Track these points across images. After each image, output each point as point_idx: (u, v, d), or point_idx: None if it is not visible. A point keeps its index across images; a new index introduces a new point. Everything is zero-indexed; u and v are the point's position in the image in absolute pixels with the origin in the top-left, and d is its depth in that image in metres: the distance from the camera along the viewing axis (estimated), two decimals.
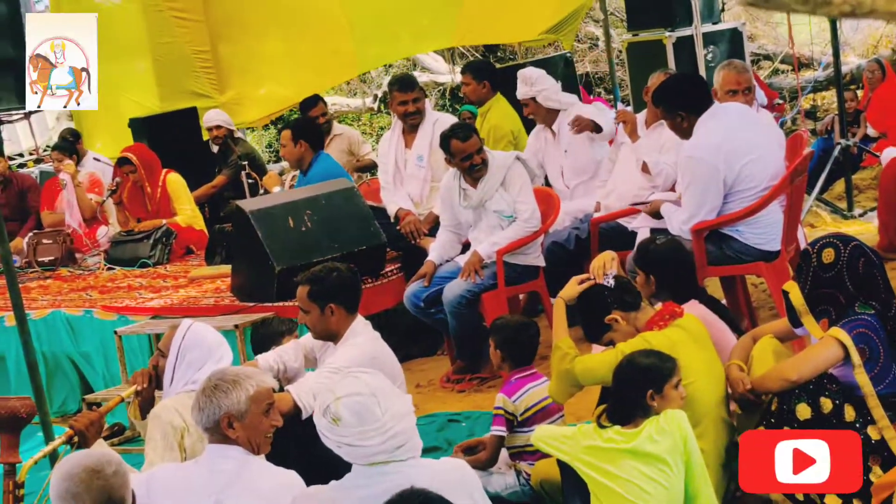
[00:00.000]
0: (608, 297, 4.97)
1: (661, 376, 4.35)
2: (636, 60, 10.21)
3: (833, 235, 4.75)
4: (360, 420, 3.81)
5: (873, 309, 4.58)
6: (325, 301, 5.33)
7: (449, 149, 7.12)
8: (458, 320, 7.06)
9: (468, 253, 7.22)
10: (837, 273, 4.57)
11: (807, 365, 4.53)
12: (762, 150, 6.43)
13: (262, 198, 8.07)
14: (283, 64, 12.87)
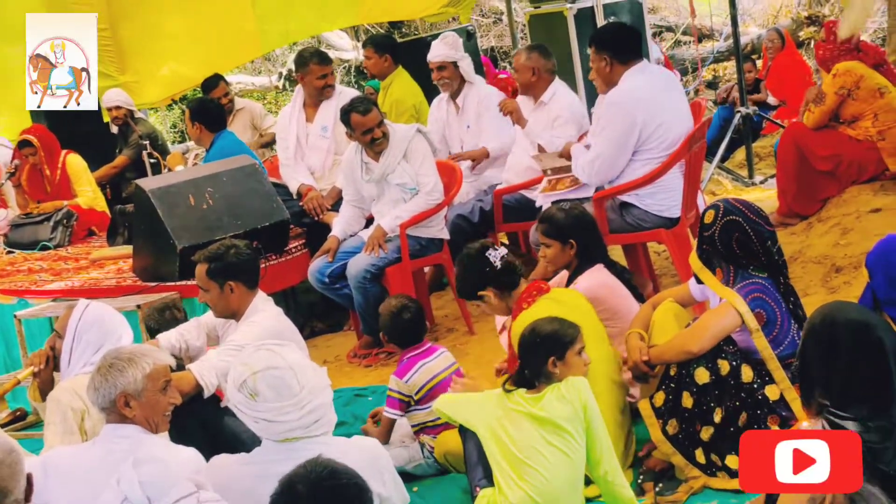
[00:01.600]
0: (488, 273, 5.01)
1: (563, 343, 4.37)
2: (539, 33, 10.21)
3: (726, 200, 4.82)
4: (278, 395, 3.79)
5: (767, 272, 4.65)
6: (224, 278, 5.29)
7: (349, 123, 7.08)
8: (363, 295, 7.04)
9: (372, 227, 7.20)
10: (711, 235, 4.68)
11: (706, 335, 4.59)
12: (676, 115, 6.50)
13: (162, 176, 7.97)
14: (185, 42, 12.69)
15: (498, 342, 5.82)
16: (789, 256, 6.98)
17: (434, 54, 8.15)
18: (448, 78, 8.13)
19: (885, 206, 7.41)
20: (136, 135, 10.26)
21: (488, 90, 8.21)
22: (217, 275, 5.30)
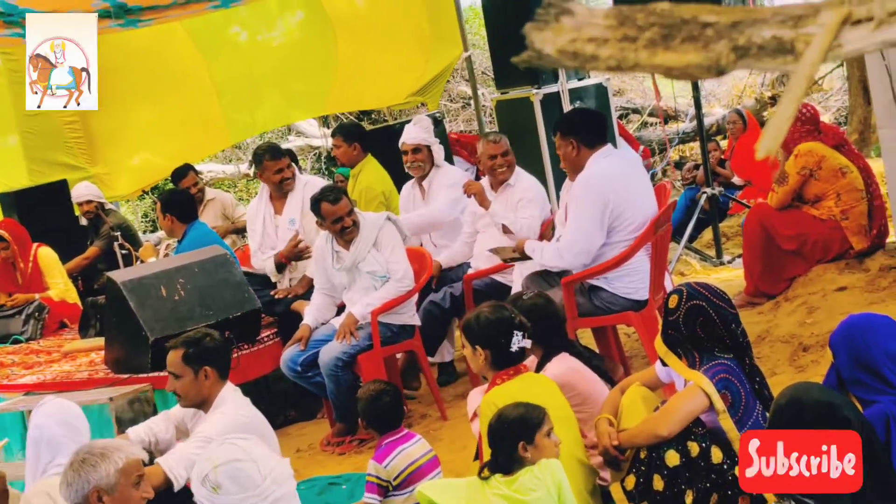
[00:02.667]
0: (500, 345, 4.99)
1: (531, 426, 4.39)
2: (506, 118, 10.33)
3: (689, 284, 4.86)
4: (240, 487, 3.80)
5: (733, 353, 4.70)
6: (199, 364, 5.31)
7: (319, 212, 7.15)
8: (336, 383, 7.06)
9: (343, 315, 7.24)
10: (675, 320, 4.71)
11: (674, 418, 4.61)
12: (642, 198, 6.60)
13: (133, 268, 8.00)
14: (156, 133, 12.78)
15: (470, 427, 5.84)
16: (757, 336, 7.06)
17: (409, 137, 8.27)
18: (421, 161, 8.24)
19: (850, 284, 7.51)
20: (106, 226, 10.30)
21: (453, 178, 8.32)
22: (193, 360, 5.31)
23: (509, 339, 4.94)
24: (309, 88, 12.67)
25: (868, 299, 7.18)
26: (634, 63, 1.80)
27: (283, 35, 12.68)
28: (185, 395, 5.38)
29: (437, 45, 11.71)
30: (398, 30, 11.93)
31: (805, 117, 8.04)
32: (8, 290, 9.52)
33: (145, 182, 12.51)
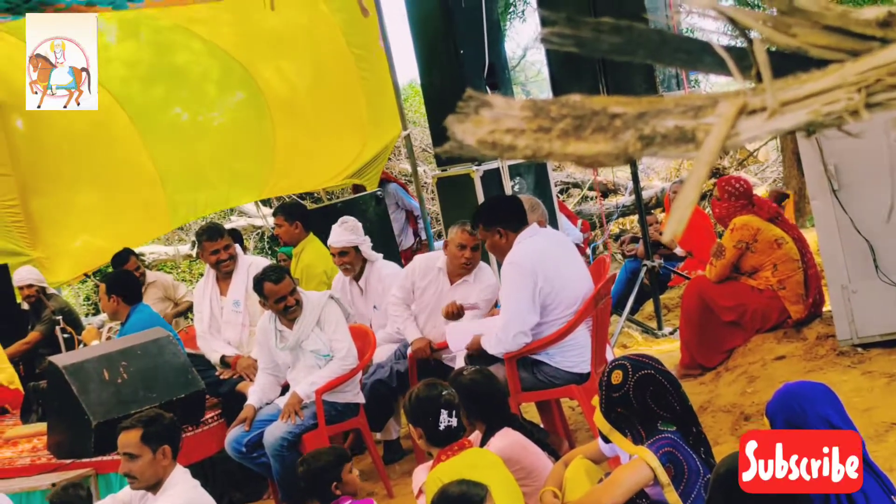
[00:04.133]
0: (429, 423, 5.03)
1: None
2: (446, 195, 10.42)
3: (627, 357, 4.91)
4: None
5: (675, 425, 4.74)
6: (158, 444, 5.29)
7: (262, 292, 7.17)
8: (281, 463, 7.04)
9: (287, 394, 7.24)
10: (624, 395, 4.72)
11: (618, 490, 4.64)
12: (573, 274, 6.68)
13: (75, 352, 7.98)
14: (98, 216, 12.76)
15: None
16: (699, 406, 7.12)
17: (334, 241, 8.26)
18: (350, 263, 8.26)
19: (789, 353, 7.60)
20: (48, 310, 10.26)
21: (388, 269, 8.35)
22: (152, 439, 5.28)
23: (437, 418, 5.01)
24: (249, 170, 12.70)
25: (806, 367, 7.28)
26: (548, 152, 1.88)
27: (223, 115, 12.75)
28: (140, 477, 5.31)
29: (374, 127, 11.82)
30: (335, 112, 12.02)
31: (739, 192, 8.18)
32: None
33: (87, 266, 12.47)
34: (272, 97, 12.24)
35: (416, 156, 13.08)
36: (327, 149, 12.00)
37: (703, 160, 1.81)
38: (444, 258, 7.67)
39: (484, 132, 1.93)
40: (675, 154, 1.85)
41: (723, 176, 11.18)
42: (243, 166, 12.70)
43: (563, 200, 15.38)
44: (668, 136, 1.85)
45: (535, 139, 1.90)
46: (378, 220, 10.82)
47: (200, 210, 13.21)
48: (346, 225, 8.25)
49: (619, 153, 1.85)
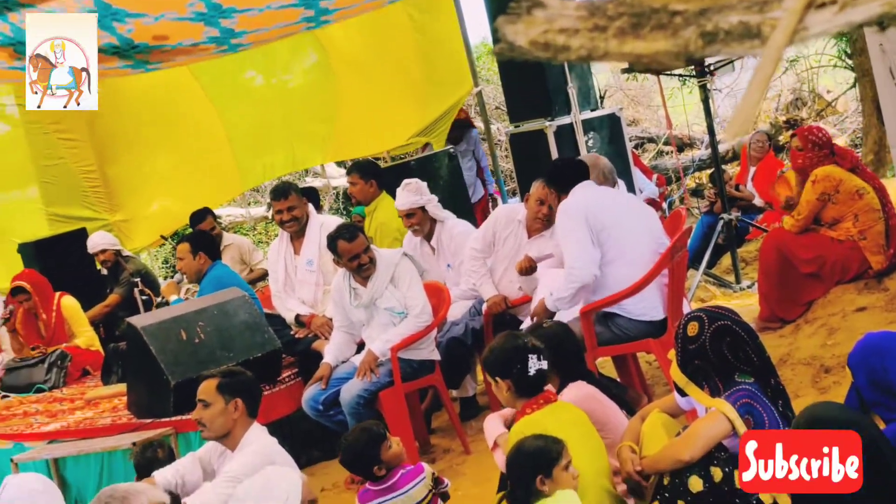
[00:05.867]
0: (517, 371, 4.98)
1: (549, 460, 4.39)
2: (520, 152, 10.37)
3: (703, 309, 4.84)
4: None
5: (753, 377, 4.67)
6: (231, 395, 5.36)
7: (336, 250, 7.17)
8: (358, 420, 7.01)
9: (363, 352, 7.25)
10: (700, 347, 4.66)
11: (696, 443, 4.58)
12: (633, 224, 6.71)
13: (153, 313, 8.03)
14: (173, 180, 12.88)
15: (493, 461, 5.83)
16: (778, 359, 7.03)
17: (399, 203, 8.24)
18: (418, 223, 8.22)
19: (870, 304, 7.48)
20: (126, 273, 10.36)
21: (459, 227, 8.31)
22: (226, 390, 5.36)
23: (525, 364, 4.95)
24: (317, 132, 12.74)
25: (888, 318, 7.16)
26: (604, 52, 1.82)
27: (296, 78, 12.77)
28: (209, 425, 5.38)
29: (439, 85, 11.75)
30: (398, 72, 11.98)
31: (820, 141, 8.04)
32: (32, 342, 9.57)
33: (163, 230, 12.57)
34: (337, 60, 12.23)
35: (489, 114, 12.99)
36: (390, 111, 11.98)
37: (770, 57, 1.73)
38: (524, 212, 7.61)
39: (536, 32, 1.87)
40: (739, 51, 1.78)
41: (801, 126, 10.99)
42: (312, 128, 12.73)
43: (638, 155, 15.22)
44: (731, 33, 1.77)
45: (591, 38, 1.83)
46: (451, 177, 10.78)
47: (269, 173, 13.26)
48: (409, 187, 8.22)
49: (680, 51, 1.78)
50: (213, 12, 6.45)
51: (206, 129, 12.56)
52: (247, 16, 6.59)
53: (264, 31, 7.07)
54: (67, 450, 7.20)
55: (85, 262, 11.10)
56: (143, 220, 12.86)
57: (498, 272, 7.77)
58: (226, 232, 11.36)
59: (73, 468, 7.23)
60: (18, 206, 12.54)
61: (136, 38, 6.89)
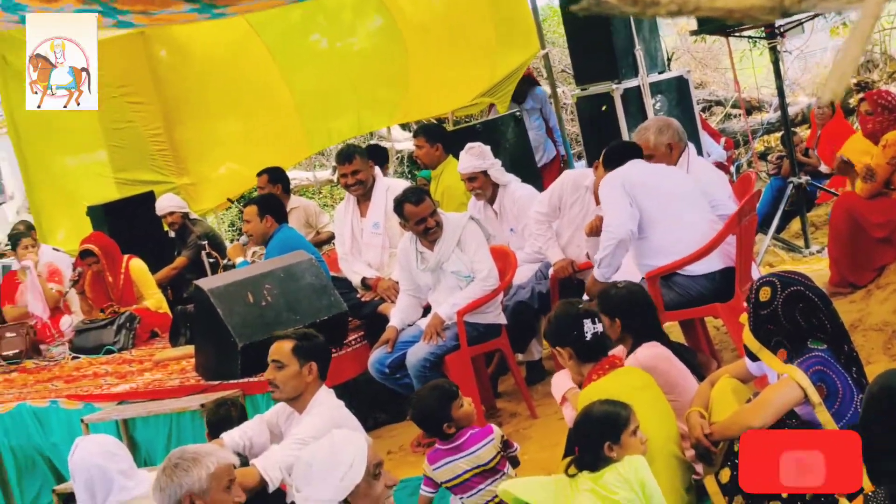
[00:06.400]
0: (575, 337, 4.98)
1: (617, 426, 4.38)
2: (586, 114, 10.31)
3: (776, 274, 4.79)
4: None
5: (826, 343, 4.61)
6: (306, 358, 5.39)
7: (403, 213, 7.17)
8: (424, 384, 7.03)
9: (429, 315, 7.24)
10: (772, 312, 4.60)
11: (767, 409, 4.54)
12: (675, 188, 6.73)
13: (220, 275, 8.07)
14: (239, 143, 12.90)
15: (561, 425, 5.82)
16: (850, 324, 6.93)
17: (462, 167, 8.22)
18: (480, 187, 8.19)
19: None
20: (193, 236, 10.43)
21: (522, 191, 8.27)
22: (302, 353, 5.39)
23: (581, 329, 4.96)
24: (383, 95, 12.70)
25: None
26: (695, 6, 1.76)
27: (361, 41, 12.73)
28: (282, 386, 5.40)
29: (506, 46, 11.68)
30: (465, 34, 11.91)
31: (891, 105, 7.91)
32: (101, 304, 9.65)
33: (230, 192, 12.61)
34: (404, 22, 12.19)
35: (555, 77, 12.89)
36: (456, 72, 11.92)
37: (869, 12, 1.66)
38: (591, 178, 7.56)
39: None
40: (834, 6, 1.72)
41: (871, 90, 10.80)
42: (378, 92, 12.69)
43: (706, 118, 15.05)
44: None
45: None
46: (517, 140, 10.72)
47: (335, 136, 13.26)
48: (472, 151, 8.19)
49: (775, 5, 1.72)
50: None
51: (272, 93, 12.56)
52: None
53: None
54: (136, 411, 7.26)
55: (153, 224, 11.18)
56: (210, 183, 12.91)
57: (564, 237, 7.73)
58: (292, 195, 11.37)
59: (142, 429, 7.30)
60: (87, 169, 12.63)
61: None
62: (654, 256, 6.62)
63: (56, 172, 12.61)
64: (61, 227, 12.57)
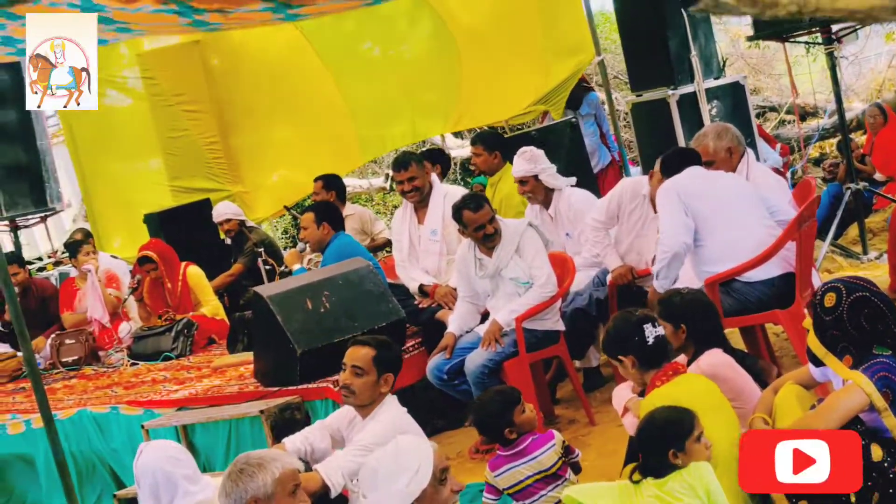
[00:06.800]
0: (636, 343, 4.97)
1: (681, 433, 4.35)
2: (642, 120, 10.28)
3: (841, 280, 4.75)
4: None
5: (892, 349, 4.57)
6: (385, 369, 5.41)
7: (461, 220, 7.18)
8: (482, 390, 7.02)
9: (487, 322, 7.25)
10: (838, 318, 4.57)
11: (833, 415, 4.49)
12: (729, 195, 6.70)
13: (278, 282, 8.12)
14: (293, 150, 12.97)
15: (619, 432, 5.80)
16: None
17: (514, 170, 8.27)
18: (530, 191, 8.21)
19: None
20: (250, 243, 10.49)
21: (578, 195, 8.26)
22: (382, 363, 5.40)
23: (643, 335, 4.94)
24: (436, 102, 12.68)
25: None
26: (816, 7, 1.74)
27: (412, 48, 12.74)
28: (358, 393, 5.40)
29: (559, 53, 11.64)
30: (518, 41, 11.87)
31: None
32: (158, 311, 9.73)
33: (285, 200, 12.67)
34: (456, 29, 12.18)
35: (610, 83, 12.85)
36: (510, 79, 11.89)
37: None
38: (648, 186, 7.53)
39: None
40: None
41: None
42: (431, 98, 12.69)
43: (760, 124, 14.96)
44: None
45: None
46: (572, 147, 10.69)
47: (389, 144, 13.29)
48: (524, 155, 8.21)
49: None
50: None
51: (324, 100, 12.60)
52: None
53: None
54: (196, 417, 7.31)
55: (209, 231, 11.26)
56: (265, 191, 12.98)
57: (624, 244, 7.70)
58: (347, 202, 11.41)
59: (201, 435, 7.34)
60: (143, 177, 12.75)
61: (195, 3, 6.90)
62: (713, 263, 6.59)
63: (112, 180, 12.74)
64: (118, 235, 12.70)
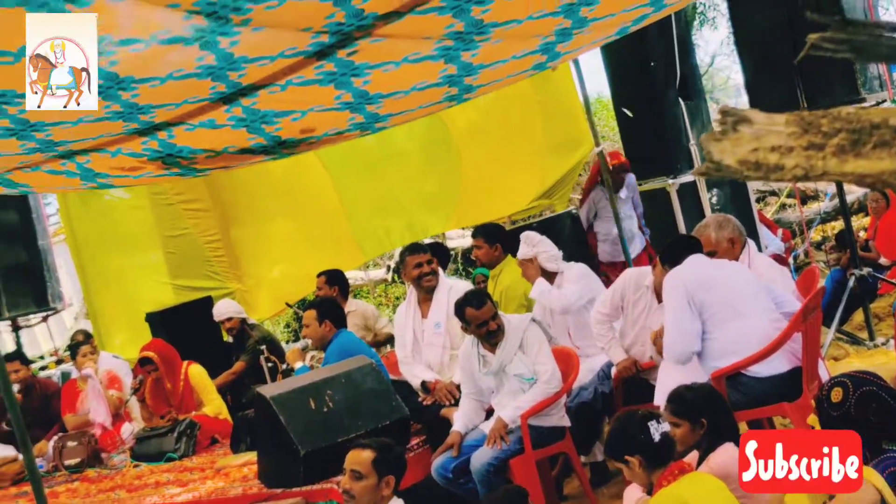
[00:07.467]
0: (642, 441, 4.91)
1: None
2: (643, 209, 10.30)
3: (847, 374, 4.72)
4: None
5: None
6: (386, 472, 5.34)
7: (464, 317, 7.15)
8: (488, 488, 6.98)
9: (492, 419, 7.19)
10: (845, 413, 4.54)
11: None
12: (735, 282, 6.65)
13: (281, 382, 8.07)
14: (293, 246, 12.96)
15: None
16: None
17: (518, 253, 8.37)
18: (528, 275, 8.29)
19: None
20: (252, 340, 10.44)
21: (577, 269, 8.29)
22: (382, 465, 5.33)
23: (648, 433, 4.89)
24: (437, 195, 12.68)
25: None
26: (823, 172, 1.74)
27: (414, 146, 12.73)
28: (358, 498, 5.32)
29: (561, 146, 11.68)
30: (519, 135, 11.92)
31: None
32: (160, 411, 9.67)
33: (286, 297, 12.64)
34: (455, 130, 12.23)
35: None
36: (512, 175, 11.94)
37: None
38: (651, 277, 7.51)
39: (745, 151, 1.80)
40: None
41: None
42: (432, 190, 12.69)
43: (761, 209, 14.98)
44: None
45: (807, 157, 1.75)
46: (574, 238, 10.71)
47: (387, 243, 13.27)
48: (524, 239, 8.37)
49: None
50: (360, 100, 6.52)
51: (322, 198, 12.61)
52: (392, 99, 6.64)
53: (409, 112, 7.12)
54: None
55: (211, 329, 11.22)
56: (266, 287, 12.95)
57: (629, 337, 7.66)
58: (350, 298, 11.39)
59: None
60: (144, 275, 12.72)
61: (284, 134, 7.01)
62: (720, 357, 6.54)
63: (113, 276, 12.73)
64: (119, 334, 12.66)
